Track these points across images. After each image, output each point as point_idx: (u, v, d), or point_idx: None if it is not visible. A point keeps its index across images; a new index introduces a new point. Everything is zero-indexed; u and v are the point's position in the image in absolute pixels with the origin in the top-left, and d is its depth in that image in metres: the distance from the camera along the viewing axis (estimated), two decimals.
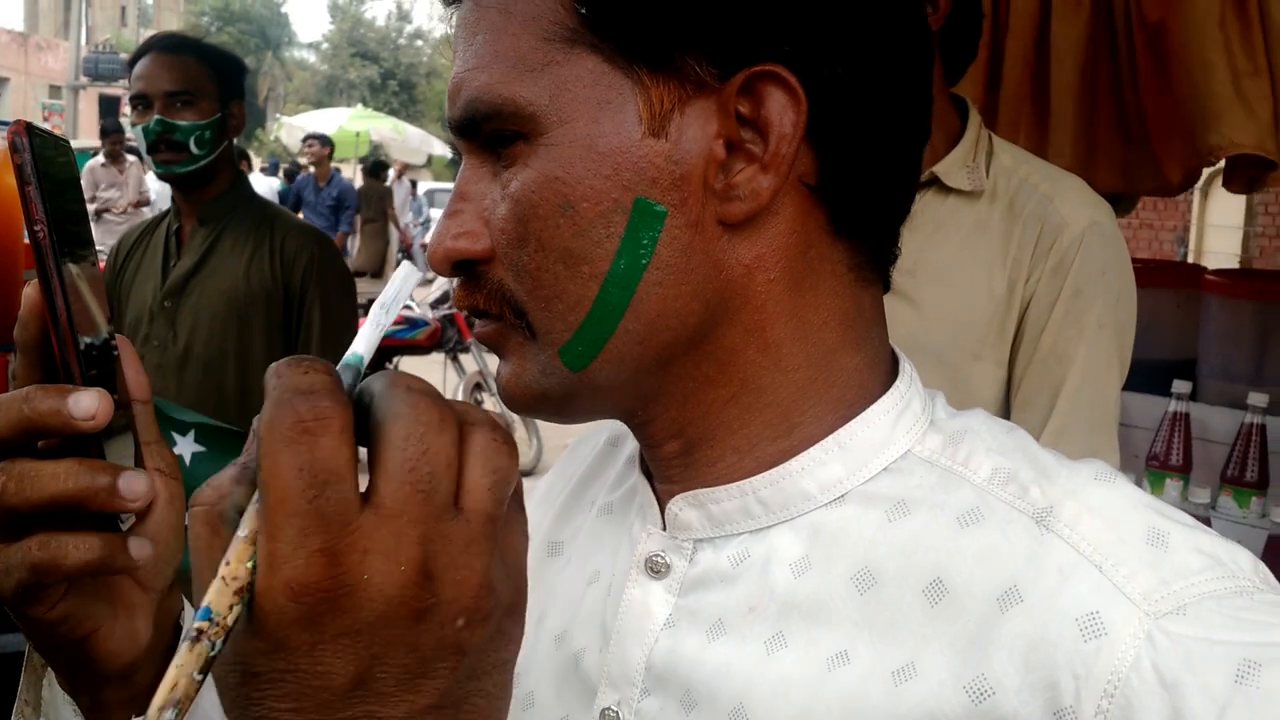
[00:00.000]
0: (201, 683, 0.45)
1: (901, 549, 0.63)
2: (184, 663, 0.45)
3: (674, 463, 0.69)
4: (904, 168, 0.66)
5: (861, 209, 0.65)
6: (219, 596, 0.45)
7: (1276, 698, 0.52)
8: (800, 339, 0.65)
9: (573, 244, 0.62)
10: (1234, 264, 10.33)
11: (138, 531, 0.64)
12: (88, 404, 0.58)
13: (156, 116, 2.48)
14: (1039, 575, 0.58)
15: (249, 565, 0.45)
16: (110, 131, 11.90)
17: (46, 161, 0.59)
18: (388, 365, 7.92)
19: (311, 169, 12.56)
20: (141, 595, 0.68)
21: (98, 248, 0.80)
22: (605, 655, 0.70)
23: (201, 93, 2.51)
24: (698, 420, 0.67)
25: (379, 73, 51.73)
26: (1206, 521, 2.48)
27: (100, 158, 11.68)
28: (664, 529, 0.70)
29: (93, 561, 0.60)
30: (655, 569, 0.70)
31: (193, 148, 2.49)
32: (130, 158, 11.39)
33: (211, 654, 0.45)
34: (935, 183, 1.73)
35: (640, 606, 0.69)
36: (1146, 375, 2.62)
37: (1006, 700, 0.57)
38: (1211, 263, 10.32)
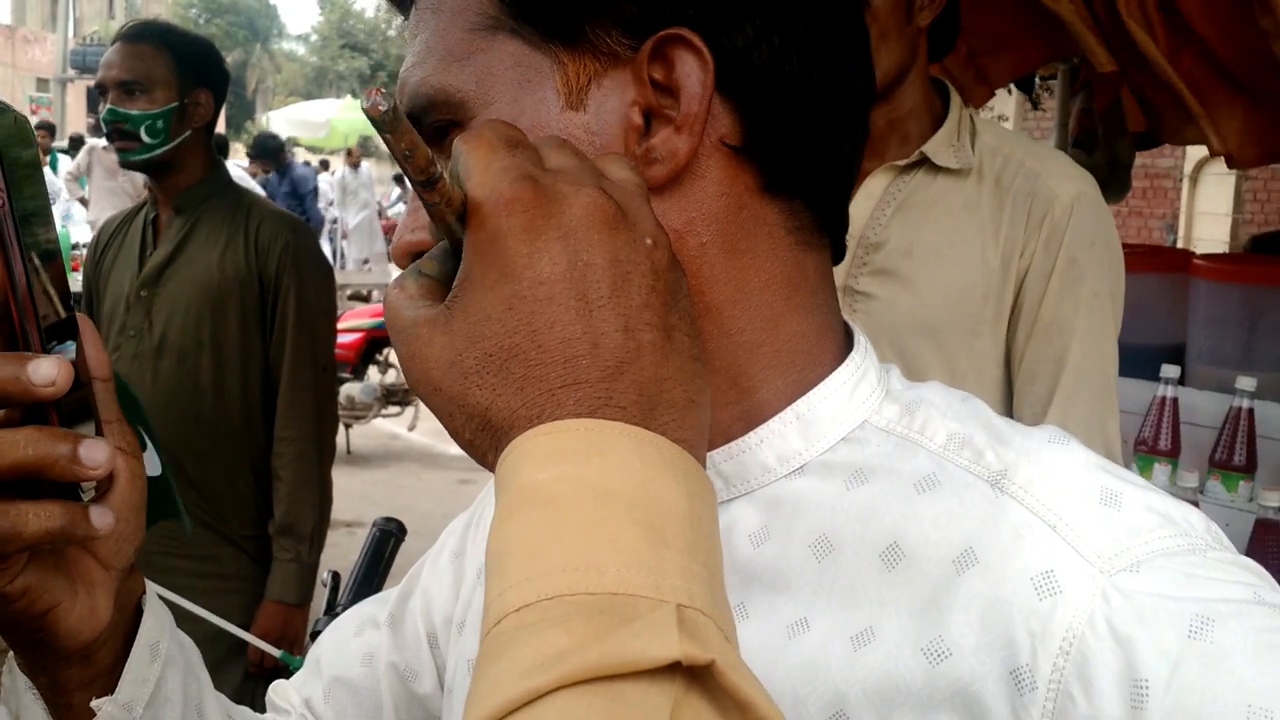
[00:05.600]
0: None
1: (859, 516, 0.63)
2: None
3: None
4: (835, 124, 0.65)
5: (791, 167, 0.65)
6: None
7: (1228, 652, 0.52)
8: (741, 302, 0.64)
9: None
10: (1223, 250, 10.35)
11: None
12: (47, 370, 0.58)
13: (109, 106, 2.46)
14: (994, 537, 0.59)
15: (459, 192, 0.54)
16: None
17: (5, 137, 0.59)
18: (378, 357, 7.90)
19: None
20: (102, 573, 0.67)
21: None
22: None
23: (155, 81, 2.47)
24: None
25: (369, 64, 51.66)
26: (1195, 506, 2.46)
27: (103, 140, 11.30)
28: None
29: (54, 530, 0.59)
30: None
31: (144, 136, 2.46)
32: None
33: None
34: (925, 163, 1.77)
35: None
36: (1135, 360, 2.61)
37: (964, 661, 0.57)
38: (1201, 250, 10.34)
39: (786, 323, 0.66)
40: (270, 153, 12.21)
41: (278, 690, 0.94)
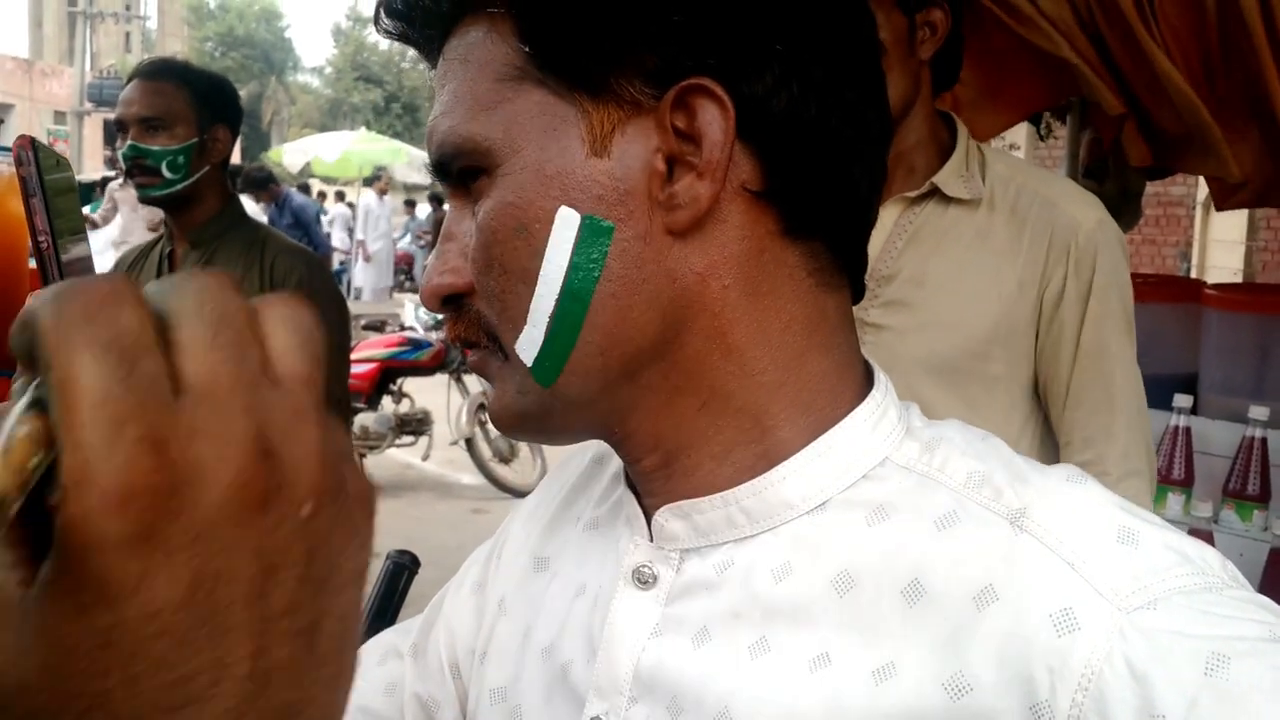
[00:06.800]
0: None
1: (880, 552, 0.64)
2: None
3: (655, 475, 0.70)
4: (854, 168, 0.67)
5: (811, 210, 0.66)
6: None
7: (1245, 689, 0.52)
8: (763, 343, 0.66)
9: (529, 264, 0.65)
10: (1237, 279, 10.32)
11: None
12: None
13: (130, 142, 2.50)
14: (1014, 574, 0.59)
15: (31, 464, 0.33)
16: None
17: (49, 175, 0.61)
18: (392, 387, 7.92)
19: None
20: None
21: None
22: (593, 665, 0.71)
23: (175, 118, 2.51)
24: (672, 431, 0.68)
25: (383, 96, 52.02)
26: (1209, 535, 2.46)
27: (120, 178, 11.16)
28: (650, 540, 0.71)
29: None
30: (643, 579, 0.71)
31: (165, 172, 2.50)
32: None
33: None
34: (936, 194, 1.78)
35: (627, 617, 0.70)
36: (1148, 390, 2.61)
37: (984, 696, 0.57)
38: (1214, 278, 10.32)
39: (808, 362, 0.67)
40: (258, 184, 11.34)
41: None
